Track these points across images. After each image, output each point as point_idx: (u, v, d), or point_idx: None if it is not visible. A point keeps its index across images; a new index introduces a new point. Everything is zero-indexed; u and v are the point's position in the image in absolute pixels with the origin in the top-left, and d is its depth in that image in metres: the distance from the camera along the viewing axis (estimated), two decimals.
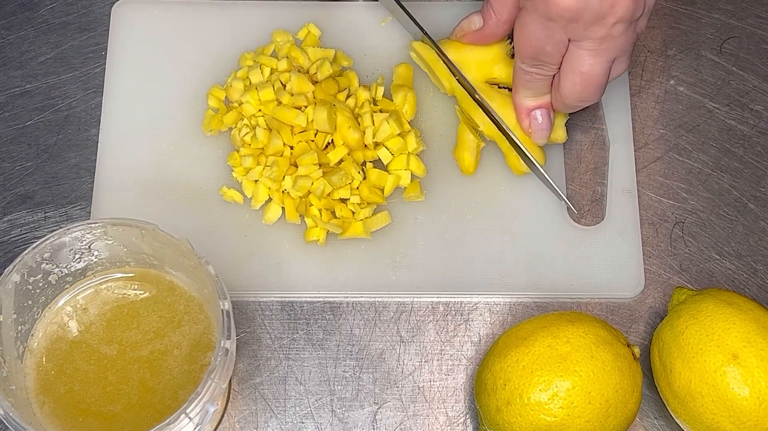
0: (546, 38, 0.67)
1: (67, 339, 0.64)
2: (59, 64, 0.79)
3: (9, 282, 0.61)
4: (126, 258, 0.65)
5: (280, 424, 0.69)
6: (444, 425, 0.69)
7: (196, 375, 0.63)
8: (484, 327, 0.72)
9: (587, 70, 0.67)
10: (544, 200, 0.74)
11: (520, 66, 0.70)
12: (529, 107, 0.72)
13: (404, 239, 0.73)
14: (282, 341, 0.71)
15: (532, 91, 0.71)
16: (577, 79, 0.68)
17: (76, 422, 0.62)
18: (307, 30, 0.79)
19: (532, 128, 0.73)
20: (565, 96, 0.70)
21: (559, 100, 0.71)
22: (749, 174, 0.76)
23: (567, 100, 0.70)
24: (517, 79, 0.72)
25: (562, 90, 0.69)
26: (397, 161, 0.74)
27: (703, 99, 0.78)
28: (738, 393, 0.63)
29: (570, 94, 0.69)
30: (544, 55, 0.68)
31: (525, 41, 0.68)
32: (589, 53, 0.67)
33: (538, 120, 0.72)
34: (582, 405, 0.63)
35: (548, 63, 0.69)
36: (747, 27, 0.81)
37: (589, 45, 0.66)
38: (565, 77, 0.69)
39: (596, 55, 0.67)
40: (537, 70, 0.70)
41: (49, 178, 0.75)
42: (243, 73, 0.77)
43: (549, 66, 0.69)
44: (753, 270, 0.74)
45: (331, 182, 0.72)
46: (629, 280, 0.72)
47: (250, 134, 0.74)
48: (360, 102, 0.76)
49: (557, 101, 0.71)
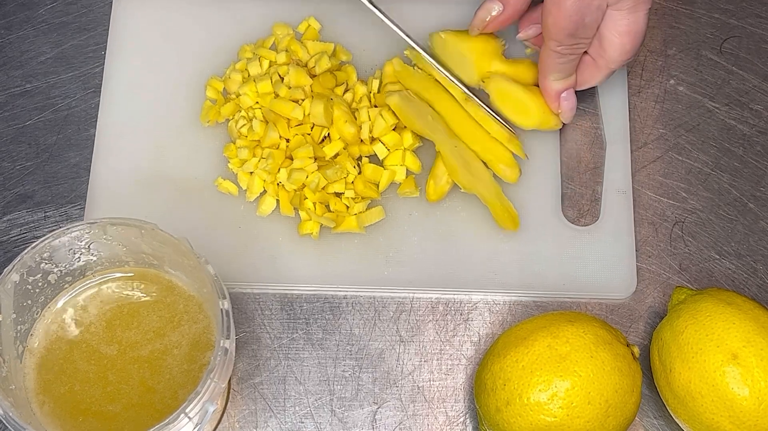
0: (586, 8, 0.67)
1: (66, 338, 0.64)
2: (59, 63, 0.79)
3: (8, 282, 0.61)
4: (125, 258, 0.65)
5: (279, 424, 0.69)
6: (443, 425, 0.69)
7: (195, 374, 0.63)
8: (483, 326, 0.72)
9: (633, 27, 0.69)
10: (538, 199, 0.74)
11: (555, 49, 0.70)
12: (558, 90, 0.73)
13: (398, 235, 0.73)
14: (281, 340, 0.71)
15: (564, 73, 0.72)
16: (626, 39, 0.70)
17: (76, 422, 0.62)
18: (307, 24, 0.79)
19: (563, 109, 0.74)
20: (613, 58, 0.71)
21: (603, 66, 0.72)
22: (749, 173, 0.76)
23: (614, 63, 0.71)
24: (549, 63, 0.72)
25: (609, 54, 0.71)
26: (393, 156, 0.74)
27: (702, 98, 0.78)
28: (738, 392, 0.63)
29: (619, 55, 0.71)
30: (583, 28, 0.69)
31: (564, 17, 0.68)
32: (629, 11, 0.68)
33: (568, 101, 0.74)
34: (581, 405, 0.63)
35: (585, 37, 0.70)
36: (747, 27, 0.80)
37: (629, 3, 0.68)
38: (611, 41, 0.70)
39: (636, 9, 0.69)
40: (572, 50, 0.70)
41: (49, 177, 0.75)
42: (242, 65, 0.77)
43: (585, 41, 0.70)
44: (753, 270, 0.74)
45: (326, 176, 0.73)
46: (621, 281, 0.72)
47: (246, 126, 0.74)
48: (357, 96, 0.76)
49: (599, 68, 0.72)
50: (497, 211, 0.73)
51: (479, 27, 0.73)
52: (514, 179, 0.74)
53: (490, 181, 0.73)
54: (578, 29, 0.69)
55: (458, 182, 0.73)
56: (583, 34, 0.69)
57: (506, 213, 0.73)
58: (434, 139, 0.73)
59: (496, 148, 0.74)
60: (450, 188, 0.74)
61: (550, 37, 0.70)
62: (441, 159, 0.73)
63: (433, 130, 0.74)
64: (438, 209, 0.74)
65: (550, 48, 0.70)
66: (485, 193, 0.73)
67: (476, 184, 0.73)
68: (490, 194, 0.73)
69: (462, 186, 0.73)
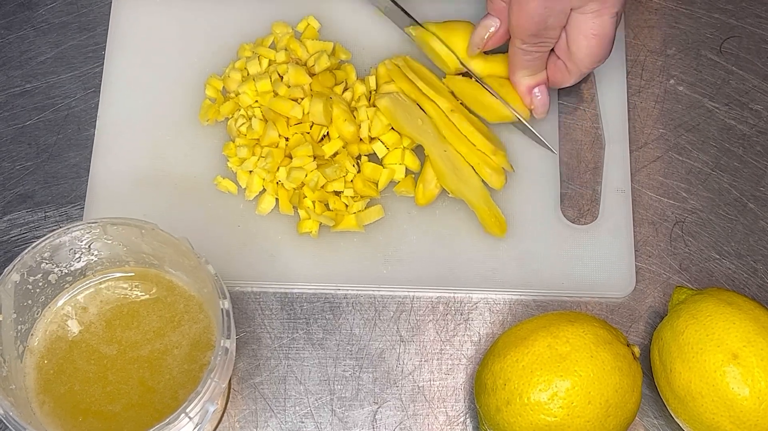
0: (547, 11, 0.68)
1: (66, 338, 0.64)
2: (59, 63, 0.79)
3: (9, 282, 0.61)
4: (126, 258, 0.65)
5: (279, 424, 0.69)
6: (444, 424, 0.69)
7: (195, 374, 0.63)
8: (484, 326, 0.72)
9: (599, 31, 0.69)
10: (537, 197, 0.75)
11: (520, 47, 0.71)
12: (529, 86, 0.74)
13: (397, 233, 0.73)
14: (282, 340, 0.71)
15: (531, 69, 0.73)
16: (592, 43, 0.70)
17: (76, 421, 0.62)
18: (307, 22, 0.79)
19: (534, 104, 0.74)
20: (582, 62, 0.71)
21: (573, 69, 0.72)
22: (749, 173, 0.76)
23: (584, 66, 0.72)
24: (516, 60, 0.73)
25: (577, 57, 0.71)
26: (392, 155, 0.74)
27: (702, 98, 0.78)
28: (738, 392, 0.63)
29: (587, 58, 0.71)
30: (546, 29, 0.69)
31: (526, 19, 0.69)
32: (594, 15, 0.69)
33: (539, 96, 0.74)
34: (582, 405, 0.63)
35: (549, 38, 0.70)
36: (747, 27, 0.81)
37: (594, 7, 0.68)
38: (578, 45, 0.70)
39: (601, 14, 0.69)
40: (537, 48, 0.71)
41: (49, 177, 0.75)
42: (241, 64, 0.77)
43: (549, 41, 0.71)
44: (753, 270, 0.74)
45: (326, 174, 0.73)
46: (620, 280, 0.73)
47: (246, 125, 0.74)
48: (356, 95, 0.76)
49: (570, 71, 0.73)
50: (484, 216, 0.73)
51: (479, 45, 0.74)
52: (499, 186, 0.73)
53: (478, 186, 0.73)
54: (540, 30, 0.69)
55: (446, 187, 0.73)
56: (546, 34, 0.70)
57: (493, 219, 0.73)
58: (423, 143, 0.73)
59: (483, 153, 0.74)
60: (439, 192, 0.74)
61: (514, 35, 0.71)
62: (430, 163, 0.73)
63: (422, 133, 0.74)
64: (437, 207, 0.74)
65: (516, 45, 0.71)
66: (472, 198, 0.73)
67: (464, 189, 0.73)
68: (477, 199, 0.73)
69: (449, 191, 0.73)
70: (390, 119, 0.74)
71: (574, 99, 0.78)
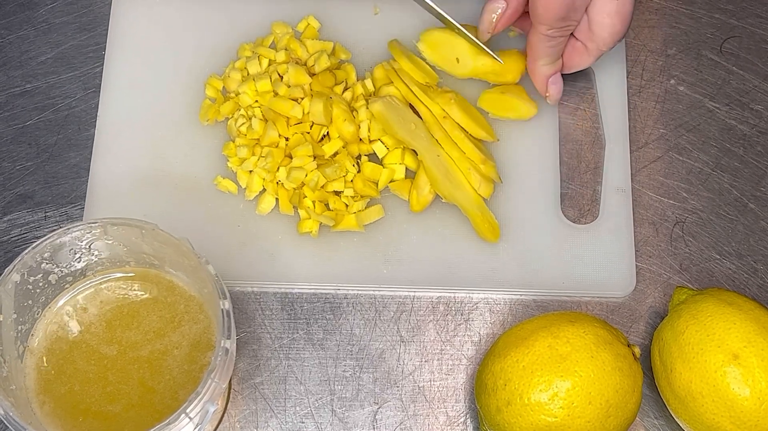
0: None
1: (67, 339, 0.64)
2: (59, 63, 0.79)
3: (9, 282, 0.61)
4: (126, 258, 0.65)
5: (280, 424, 0.69)
6: (444, 425, 0.69)
7: (196, 374, 0.63)
8: (484, 326, 0.72)
9: (621, 8, 0.71)
10: (538, 197, 0.75)
11: (545, 33, 0.71)
12: (548, 75, 0.74)
13: (397, 233, 0.73)
14: (282, 341, 0.71)
15: (552, 57, 0.73)
16: (615, 20, 0.71)
17: (76, 422, 0.62)
18: (307, 22, 0.79)
19: (551, 93, 0.75)
20: (605, 41, 0.72)
21: (593, 49, 0.73)
22: (749, 173, 0.76)
23: (605, 45, 0.73)
24: (538, 48, 0.73)
25: (600, 37, 0.72)
26: (392, 155, 0.74)
27: (703, 98, 0.78)
28: (738, 393, 0.63)
29: (609, 37, 0.72)
30: (574, 11, 0.70)
31: (555, 3, 0.69)
32: None
33: (556, 84, 0.75)
34: (582, 406, 0.63)
35: (574, 20, 0.71)
36: (747, 27, 0.81)
37: None
38: (601, 24, 0.71)
39: None
40: (562, 32, 0.72)
41: (49, 177, 0.75)
42: (241, 64, 0.77)
43: (574, 23, 0.71)
44: (753, 270, 0.74)
45: (326, 174, 0.73)
46: (620, 280, 0.73)
47: (246, 124, 0.74)
48: (356, 95, 0.76)
49: (590, 52, 0.73)
50: (477, 221, 0.72)
51: (488, 29, 0.74)
52: (487, 194, 0.73)
53: (471, 191, 0.73)
54: (569, 12, 0.70)
55: (439, 192, 0.73)
56: (573, 16, 0.71)
57: (486, 224, 0.73)
58: (416, 148, 0.73)
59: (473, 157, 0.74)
60: (433, 198, 0.74)
61: (540, 22, 0.71)
62: (423, 168, 0.73)
63: (415, 137, 0.73)
64: (437, 207, 0.74)
65: (540, 32, 0.72)
66: (465, 203, 0.73)
67: (457, 195, 0.73)
68: (470, 205, 0.73)
69: (443, 196, 0.73)
70: (383, 124, 0.74)
71: (574, 99, 0.78)
